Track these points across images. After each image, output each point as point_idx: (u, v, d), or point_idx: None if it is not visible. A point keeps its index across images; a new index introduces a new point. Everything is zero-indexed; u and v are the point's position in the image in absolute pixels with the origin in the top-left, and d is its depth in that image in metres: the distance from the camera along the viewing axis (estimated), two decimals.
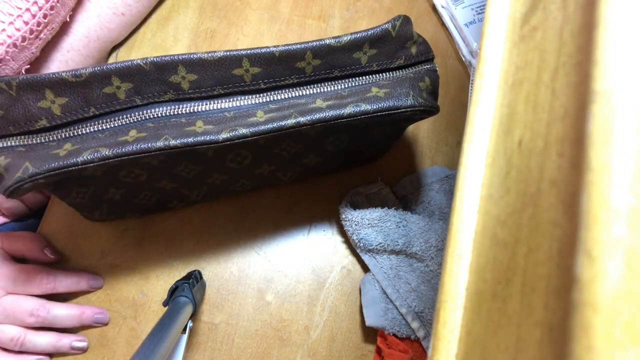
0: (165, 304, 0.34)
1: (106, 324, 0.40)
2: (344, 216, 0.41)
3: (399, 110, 0.32)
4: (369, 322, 0.40)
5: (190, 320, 0.34)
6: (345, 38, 0.33)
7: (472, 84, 0.48)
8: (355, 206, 0.43)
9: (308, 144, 0.37)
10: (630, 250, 0.13)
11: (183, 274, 0.41)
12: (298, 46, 0.33)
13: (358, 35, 0.33)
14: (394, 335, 0.40)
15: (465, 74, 0.49)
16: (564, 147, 0.17)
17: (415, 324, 0.39)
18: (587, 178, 0.14)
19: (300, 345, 0.41)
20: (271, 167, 0.39)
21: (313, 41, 0.33)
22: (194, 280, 0.37)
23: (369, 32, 0.34)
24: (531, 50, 0.22)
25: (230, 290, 0.42)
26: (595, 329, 0.13)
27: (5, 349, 0.37)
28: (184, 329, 0.34)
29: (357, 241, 0.41)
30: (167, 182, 0.37)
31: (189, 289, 0.35)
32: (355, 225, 0.41)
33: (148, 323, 0.41)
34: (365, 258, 0.41)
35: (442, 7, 0.51)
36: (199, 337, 0.41)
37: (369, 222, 0.40)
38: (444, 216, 0.44)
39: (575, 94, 0.17)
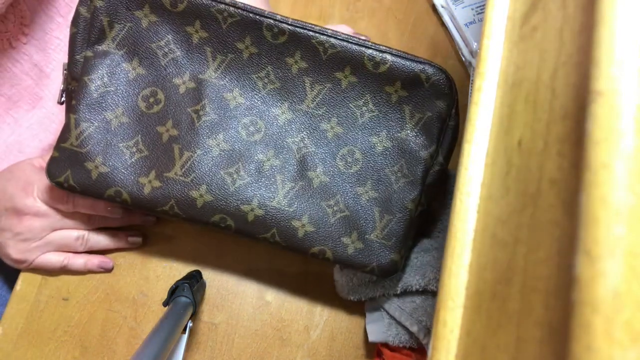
0: (165, 304, 0.34)
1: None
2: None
3: (361, 266, 0.36)
4: (372, 337, 0.39)
5: (190, 320, 0.34)
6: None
7: (472, 84, 0.48)
8: None
9: None
10: (629, 250, 0.13)
11: (183, 274, 0.41)
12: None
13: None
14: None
15: (465, 74, 0.49)
16: (564, 147, 0.17)
17: (427, 340, 0.38)
18: (587, 178, 0.14)
19: (300, 345, 0.41)
20: None
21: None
22: (194, 280, 0.37)
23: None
24: (531, 50, 0.22)
25: (230, 290, 0.42)
26: (594, 328, 0.13)
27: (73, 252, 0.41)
28: (184, 329, 0.34)
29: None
30: None
31: (189, 289, 0.35)
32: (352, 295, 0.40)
33: (148, 323, 0.41)
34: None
35: (442, 7, 0.51)
36: (199, 337, 0.41)
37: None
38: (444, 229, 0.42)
39: (575, 94, 0.17)
